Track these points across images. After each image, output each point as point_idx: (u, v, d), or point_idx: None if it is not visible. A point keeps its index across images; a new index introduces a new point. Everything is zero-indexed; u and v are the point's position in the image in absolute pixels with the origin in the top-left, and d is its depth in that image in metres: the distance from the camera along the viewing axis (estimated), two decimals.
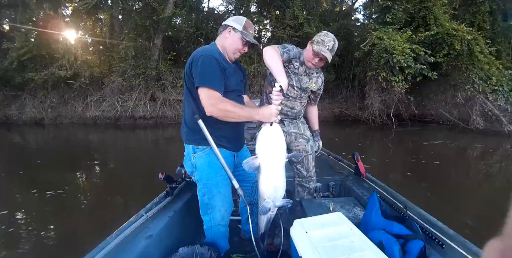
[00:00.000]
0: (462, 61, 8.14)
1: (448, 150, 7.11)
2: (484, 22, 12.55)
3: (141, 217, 1.45)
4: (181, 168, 1.87)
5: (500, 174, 5.43)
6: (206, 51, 1.34)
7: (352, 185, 2.09)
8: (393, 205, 1.59)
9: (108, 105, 12.02)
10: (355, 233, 1.09)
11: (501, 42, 12.75)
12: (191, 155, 1.43)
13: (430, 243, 1.23)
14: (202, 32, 11.38)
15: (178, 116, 11.49)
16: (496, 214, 1.37)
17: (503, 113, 7.82)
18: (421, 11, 9.34)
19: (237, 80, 1.51)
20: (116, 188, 4.24)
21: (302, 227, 1.15)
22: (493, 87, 7.89)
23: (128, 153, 7.05)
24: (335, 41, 1.60)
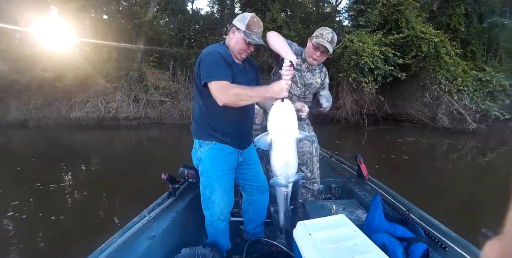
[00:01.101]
0: (429, 62, 8.48)
1: (418, 146, 7.48)
2: (459, 24, 12.97)
3: (144, 218, 1.46)
4: (184, 169, 1.87)
5: (467, 167, 5.81)
6: (211, 49, 1.38)
7: (354, 187, 2.08)
8: (395, 207, 1.59)
9: (92, 106, 12.15)
10: (358, 235, 1.09)
11: (476, 44, 13.18)
12: (197, 149, 1.49)
13: (433, 246, 1.23)
14: (184, 35, 11.58)
15: (161, 117, 11.69)
16: (463, 203, 1.61)
17: (467, 112, 8.16)
18: (393, 14, 9.68)
19: (245, 79, 1.50)
20: (104, 188, 4.24)
21: (305, 229, 1.15)
22: (459, 87, 8.24)
23: (113, 153, 7.17)
24: (334, 33, 1.61)
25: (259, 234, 1.83)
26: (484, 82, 8.34)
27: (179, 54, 11.78)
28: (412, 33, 8.81)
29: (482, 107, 8.18)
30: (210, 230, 1.57)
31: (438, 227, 1.26)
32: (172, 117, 11.59)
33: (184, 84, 11.76)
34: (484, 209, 3.40)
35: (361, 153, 2.10)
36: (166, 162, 6.06)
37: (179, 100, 11.58)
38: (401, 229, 1.27)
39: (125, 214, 3.23)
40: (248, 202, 1.73)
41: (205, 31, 11.92)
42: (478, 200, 3.79)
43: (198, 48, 11.93)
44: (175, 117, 11.58)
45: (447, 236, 1.20)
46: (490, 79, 8.31)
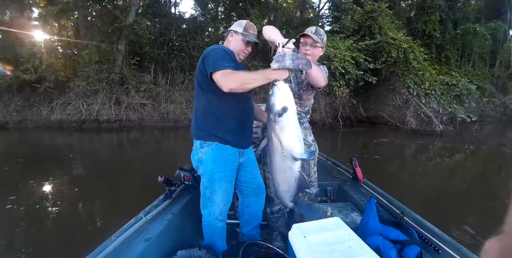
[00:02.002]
0: (398, 67, 8.82)
1: (390, 147, 7.79)
2: (434, 30, 13.49)
3: (140, 220, 1.45)
4: (180, 171, 1.86)
5: (434, 166, 6.11)
6: (216, 46, 1.44)
7: (349, 190, 2.08)
8: (390, 210, 1.60)
9: (73, 109, 12.15)
10: (353, 238, 1.10)
11: (450, 49, 13.71)
12: (198, 150, 1.48)
13: (426, 249, 1.25)
14: (165, 38, 11.73)
15: (142, 120, 11.77)
16: (431, 199, 1.77)
17: (435, 115, 8.51)
18: (367, 21, 10.03)
19: None
20: (86, 191, 4.20)
21: (300, 231, 1.15)
22: (426, 91, 8.58)
23: (96, 155, 7.18)
24: (318, 28, 1.63)
25: (254, 237, 1.83)
26: (451, 86, 8.72)
27: (160, 58, 11.90)
28: (383, 39, 9.16)
29: (449, 110, 8.53)
30: (207, 230, 1.58)
31: (432, 230, 1.28)
32: (153, 120, 11.68)
33: (165, 87, 11.87)
34: (451, 204, 3.67)
35: (335, 153, 2.19)
36: (149, 164, 6.17)
37: (160, 103, 11.67)
38: (395, 232, 1.29)
39: (110, 217, 3.30)
40: (244, 204, 1.73)
41: (186, 35, 12.08)
42: (445, 197, 4.05)
43: (179, 52, 12.10)
44: (156, 120, 11.67)
45: (440, 238, 1.22)
46: (457, 83, 8.68)
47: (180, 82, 11.90)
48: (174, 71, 11.84)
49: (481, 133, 9.64)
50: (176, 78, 11.89)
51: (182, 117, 11.50)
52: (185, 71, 12.04)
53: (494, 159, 6.93)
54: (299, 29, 12.58)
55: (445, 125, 8.78)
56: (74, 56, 12.51)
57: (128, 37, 11.29)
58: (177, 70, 11.90)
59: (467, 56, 14.40)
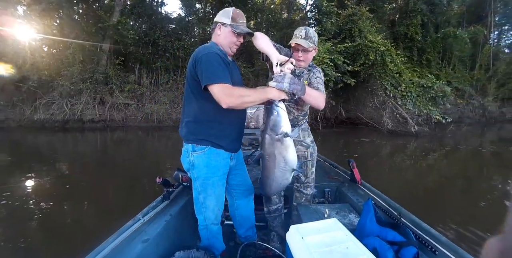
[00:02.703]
0: (376, 70, 9.05)
1: (369, 146, 8.00)
2: (416, 33, 13.81)
3: (138, 221, 1.45)
4: (179, 172, 1.85)
5: (411, 164, 6.39)
6: (207, 49, 1.34)
7: (347, 191, 2.09)
8: (387, 212, 1.61)
9: (57, 108, 12.09)
10: (350, 239, 1.10)
11: (431, 52, 14.05)
12: (190, 153, 1.43)
13: (423, 250, 1.26)
14: (150, 39, 11.76)
15: (126, 120, 11.78)
16: (406, 196, 1.87)
17: (411, 116, 8.76)
18: (348, 24, 10.25)
19: (239, 77, 1.54)
20: (72, 192, 4.18)
21: (298, 232, 1.16)
22: (402, 93, 8.83)
23: (79, 156, 7.16)
24: (307, 29, 1.60)
25: (252, 238, 1.82)
26: (426, 88, 8.98)
27: (145, 58, 11.93)
28: (362, 42, 9.38)
29: (424, 112, 8.80)
30: (204, 233, 1.57)
31: (428, 231, 1.29)
32: (137, 120, 11.70)
33: (149, 87, 11.91)
34: (425, 198, 3.91)
35: None
36: (133, 164, 6.21)
37: (144, 103, 11.70)
38: (392, 233, 1.30)
39: (94, 217, 3.30)
40: (234, 206, 1.73)
41: (171, 35, 12.14)
42: (420, 192, 4.30)
43: (164, 52, 12.16)
44: (140, 120, 11.69)
45: (437, 240, 1.23)
46: (432, 86, 8.95)
47: (164, 82, 11.95)
48: (159, 71, 11.89)
49: (456, 133, 9.94)
50: (160, 79, 11.95)
51: (166, 117, 11.55)
52: (170, 72, 12.10)
53: (468, 158, 7.24)
54: (283, 30, 12.77)
55: (420, 127, 9.04)
56: (58, 56, 12.44)
57: (112, 37, 11.30)
58: (162, 70, 11.96)
59: (448, 59, 14.78)
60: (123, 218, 2.98)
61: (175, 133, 11.52)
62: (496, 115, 15.01)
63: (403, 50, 13.83)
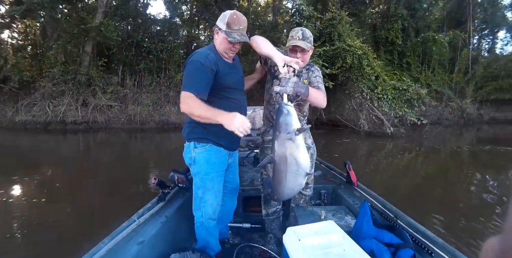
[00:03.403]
0: (353, 73, 9.30)
1: (348, 147, 8.21)
2: (397, 37, 14.17)
3: (133, 222, 1.44)
4: (174, 174, 1.85)
5: (388, 163, 6.63)
6: (194, 57, 1.38)
7: (343, 193, 2.09)
8: (383, 214, 1.61)
9: (39, 110, 12.00)
10: (347, 242, 1.10)
11: (411, 56, 14.44)
12: (192, 149, 1.50)
13: (419, 252, 1.26)
14: (133, 40, 11.80)
15: (108, 121, 11.76)
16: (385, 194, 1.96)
17: (387, 118, 9.02)
18: (328, 28, 10.49)
19: (237, 77, 1.54)
20: (54, 194, 4.17)
21: (295, 234, 1.16)
22: (378, 95, 9.09)
23: (62, 157, 7.13)
24: (304, 30, 1.59)
25: (225, 235, 1.90)
26: (402, 91, 9.27)
27: (128, 60, 11.95)
28: (340, 45, 9.63)
29: (400, 114, 9.07)
30: (200, 232, 1.58)
31: (425, 233, 1.29)
32: (120, 122, 11.70)
33: (132, 89, 11.93)
34: (402, 195, 4.07)
35: None
36: (116, 165, 6.23)
37: (127, 105, 11.71)
38: (389, 235, 1.30)
39: (76, 219, 3.28)
40: (220, 202, 1.74)
41: (154, 37, 12.20)
42: (396, 188, 4.49)
43: (148, 54, 12.21)
44: (123, 122, 11.69)
45: (433, 241, 1.23)
46: (407, 88, 9.24)
47: (147, 84, 11.99)
48: (142, 73, 11.92)
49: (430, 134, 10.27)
50: (143, 80, 11.98)
51: (149, 119, 11.59)
52: (153, 74, 12.15)
53: (444, 157, 7.58)
54: (267, 33, 12.97)
55: (396, 128, 9.31)
56: (40, 57, 12.37)
57: (95, 38, 11.30)
58: (145, 72, 12.00)
59: (427, 63, 15.21)
60: (106, 220, 2.91)
61: (158, 134, 11.59)
62: (474, 117, 15.48)
63: (384, 53, 14.19)
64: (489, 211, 3.61)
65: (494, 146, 8.75)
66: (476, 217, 3.36)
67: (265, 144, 1.78)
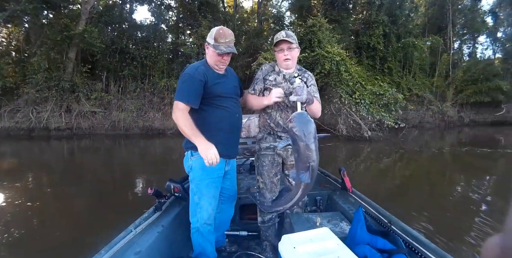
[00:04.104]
0: (332, 78, 9.55)
1: (328, 151, 8.37)
2: (378, 43, 14.56)
3: (130, 233, 1.44)
4: (170, 183, 1.86)
5: (367, 166, 6.90)
6: (186, 70, 1.53)
7: (338, 199, 2.11)
8: (378, 219, 1.63)
9: (22, 116, 11.93)
10: (341, 249, 1.12)
11: (392, 61, 14.83)
12: (189, 158, 1.60)
13: (413, 257, 1.28)
14: (117, 47, 11.88)
15: (93, 128, 11.76)
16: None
17: (364, 122, 9.27)
18: (308, 35, 10.74)
19: (229, 86, 1.64)
20: (38, 202, 4.10)
21: (290, 242, 1.17)
22: (356, 100, 9.34)
23: (46, 164, 7.12)
24: (286, 31, 1.66)
25: (222, 243, 1.94)
26: (379, 96, 9.54)
27: (112, 66, 12.02)
28: (319, 52, 9.88)
29: (377, 118, 9.32)
30: (196, 238, 1.61)
31: (418, 238, 1.32)
32: (104, 128, 11.70)
33: (116, 95, 11.97)
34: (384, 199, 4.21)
35: None
36: (101, 172, 6.24)
37: (111, 111, 11.73)
38: (382, 241, 1.32)
39: (61, 228, 3.24)
40: (217, 209, 1.77)
41: (138, 44, 12.31)
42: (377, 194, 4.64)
43: (132, 61, 12.29)
44: (107, 128, 11.70)
45: (426, 246, 1.25)
46: (384, 93, 9.52)
47: (132, 90, 12.05)
48: (126, 79, 11.99)
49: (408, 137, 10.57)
50: (128, 87, 12.04)
51: (133, 125, 11.62)
52: (137, 80, 12.23)
53: (421, 158, 7.93)
54: (250, 40, 13.21)
55: (375, 132, 9.55)
56: (24, 63, 12.34)
57: (79, 45, 11.35)
58: (129, 78, 12.07)
59: (408, 67, 15.63)
60: (91, 229, 3.06)
61: (142, 140, 11.63)
62: (455, 119, 15.89)
63: (366, 59, 14.56)
64: (472, 208, 3.86)
65: (474, 147, 9.16)
66: (459, 215, 3.59)
67: (262, 151, 1.78)
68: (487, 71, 16.17)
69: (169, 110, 11.73)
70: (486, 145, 9.88)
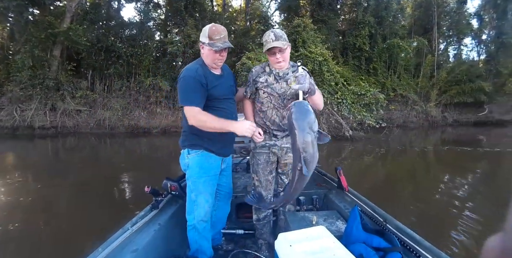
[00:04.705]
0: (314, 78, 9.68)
1: None
2: (364, 44, 14.79)
3: (127, 231, 1.44)
4: (167, 181, 1.85)
5: (349, 165, 6.99)
6: (185, 72, 1.51)
7: (334, 198, 2.12)
8: (373, 218, 1.64)
9: (6, 114, 11.81)
10: (337, 247, 1.12)
11: (377, 62, 15.08)
12: (186, 155, 1.61)
13: (407, 255, 1.29)
14: (103, 45, 11.84)
15: (78, 126, 11.72)
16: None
17: (346, 121, 9.46)
18: (293, 35, 10.87)
19: (226, 87, 1.64)
20: (23, 201, 4.07)
21: (286, 240, 1.17)
22: (338, 100, 9.52)
23: (30, 163, 7.08)
24: (274, 31, 1.59)
25: (219, 241, 1.96)
26: (360, 96, 9.74)
27: (97, 64, 11.98)
28: (303, 52, 10.03)
29: (359, 117, 9.53)
30: (192, 235, 1.62)
31: (413, 237, 1.33)
32: (89, 127, 11.68)
33: (102, 94, 11.95)
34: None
35: None
36: (86, 171, 6.21)
37: (96, 110, 11.71)
38: (378, 240, 1.34)
39: (45, 227, 3.24)
40: (214, 207, 1.78)
41: (124, 42, 12.29)
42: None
43: (117, 59, 12.27)
44: (92, 127, 11.68)
45: (421, 245, 1.27)
46: (365, 93, 9.72)
47: (117, 89, 12.04)
48: (112, 77, 11.97)
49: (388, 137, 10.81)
50: (113, 85, 12.02)
51: (118, 124, 11.62)
52: (123, 78, 12.21)
53: (400, 157, 8.20)
54: (237, 39, 13.29)
55: (357, 131, 9.76)
56: (7, 60, 12.22)
57: (63, 43, 11.29)
58: (115, 77, 12.05)
59: (394, 68, 15.91)
60: (78, 228, 3.05)
61: (127, 139, 11.64)
62: (438, 119, 16.24)
63: (352, 59, 14.78)
64: (455, 204, 4.00)
65: (458, 146, 9.44)
66: (439, 208, 3.79)
67: (257, 149, 1.79)
68: (470, 73, 16.53)
69: (154, 109, 11.78)
70: (468, 144, 10.17)
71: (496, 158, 7.78)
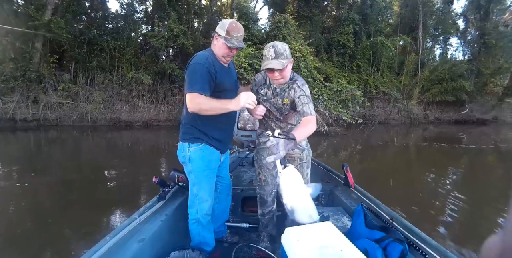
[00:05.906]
0: None
1: None
2: (348, 41, 14.98)
3: (134, 220, 1.47)
4: (175, 173, 1.88)
5: (324, 160, 6.97)
6: (196, 60, 1.47)
7: (341, 195, 2.13)
8: (379, 215, 1.64)
9: None
10: (343, 242, 1.13)
11: (361, 59, 15.31)
12: (187, 149, 1.57)
13: (413, 253, 1.30)
14: (85, 38, 11.85)
15: (60, 119, 11.77)
16: None
17: (322, 117, 9.69)
18: (273, 31, 11.04)
19: (231, 81, 1.65)
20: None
21: (293, 235, 1.19)
22: (314, 96, 9.74)
23: (12, 156, 7.08)
24: (275, 46, 1.51)
25: (223, 233, 1.97)
26: (337, 92, 9.97)
27: (80, 57, 11.99)
28: None
29: (334, 113, 9.77)
30: (195, 228, 1.64)
31: (419, 235, 1.32)
32: (72, 120, 11.73)
33: (84, 86, 11.99)
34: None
35: None
36: (68, 164, 6.27)
37: (78, 103, 11.76)
38: (381, 236, 1.35)
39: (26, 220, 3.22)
40: (216, 200, 1.80)
41: (107, 35, 12.30)
42: None
43: (100, 52, 12.30)
44: (75, 120, 11.74)
45: (427, 243, 1.27)
46: (341, 90, 9.96)
47: (100, 82, 12.08)
48: (95, 70, 12.00)
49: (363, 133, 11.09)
50: (96, 78, 12.06)
51: (100, 117, 11.70)
52: (106, 71, 12.25)
53: (373, 152, 8.42)
54: None
55: (333, 127, 10.01)
56: None
57: (45, 35, 11.28)
58: (98, 70, 12.08)
59: (377, 66, 16.17)
60: (64, 225, 3.09)
61: (110, 132, 11.72)
62: (420, 117, 16.56)
63: (336, 56, 14.98)
64: (439, 197, 4.20)
65: (436, 143, 9.71)
66: (427, 203, 3.89)
67: (261, 145, 1.82)
68: (452, 72, 16.84)
69: (137, 102, 11.87)
70: (448, 141, 10.46)
71: (474, 155, 8.11)
